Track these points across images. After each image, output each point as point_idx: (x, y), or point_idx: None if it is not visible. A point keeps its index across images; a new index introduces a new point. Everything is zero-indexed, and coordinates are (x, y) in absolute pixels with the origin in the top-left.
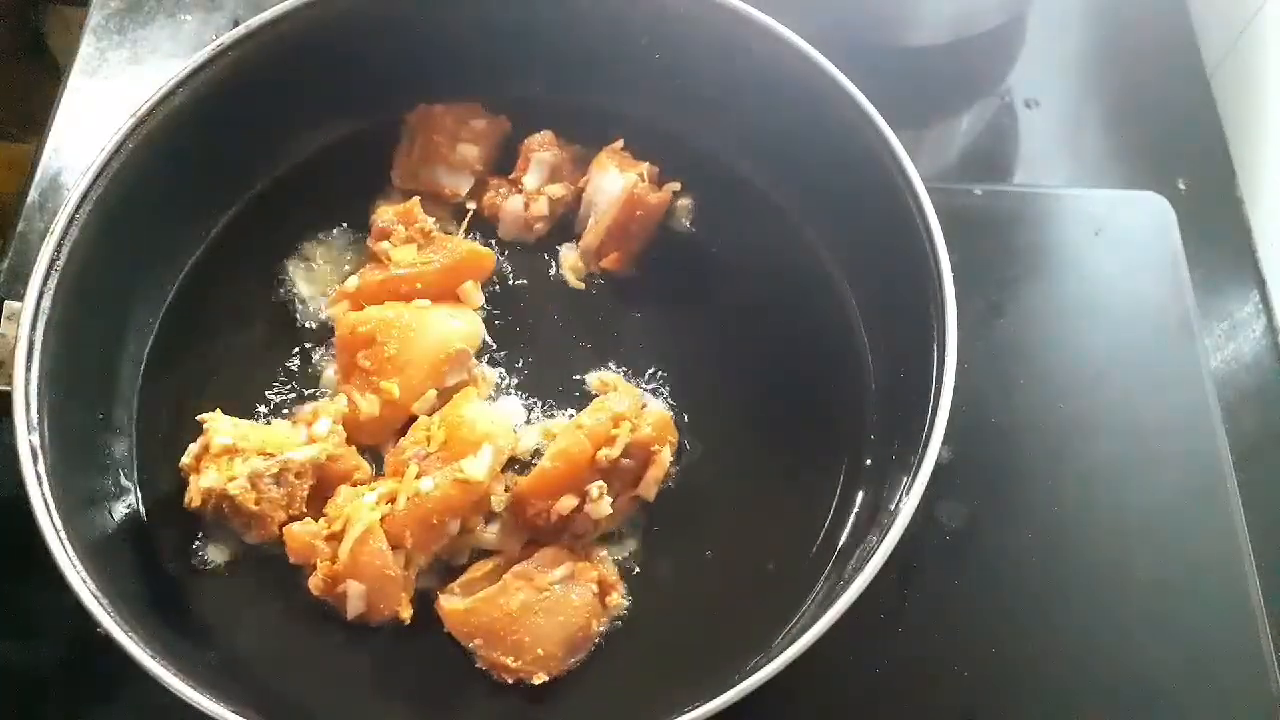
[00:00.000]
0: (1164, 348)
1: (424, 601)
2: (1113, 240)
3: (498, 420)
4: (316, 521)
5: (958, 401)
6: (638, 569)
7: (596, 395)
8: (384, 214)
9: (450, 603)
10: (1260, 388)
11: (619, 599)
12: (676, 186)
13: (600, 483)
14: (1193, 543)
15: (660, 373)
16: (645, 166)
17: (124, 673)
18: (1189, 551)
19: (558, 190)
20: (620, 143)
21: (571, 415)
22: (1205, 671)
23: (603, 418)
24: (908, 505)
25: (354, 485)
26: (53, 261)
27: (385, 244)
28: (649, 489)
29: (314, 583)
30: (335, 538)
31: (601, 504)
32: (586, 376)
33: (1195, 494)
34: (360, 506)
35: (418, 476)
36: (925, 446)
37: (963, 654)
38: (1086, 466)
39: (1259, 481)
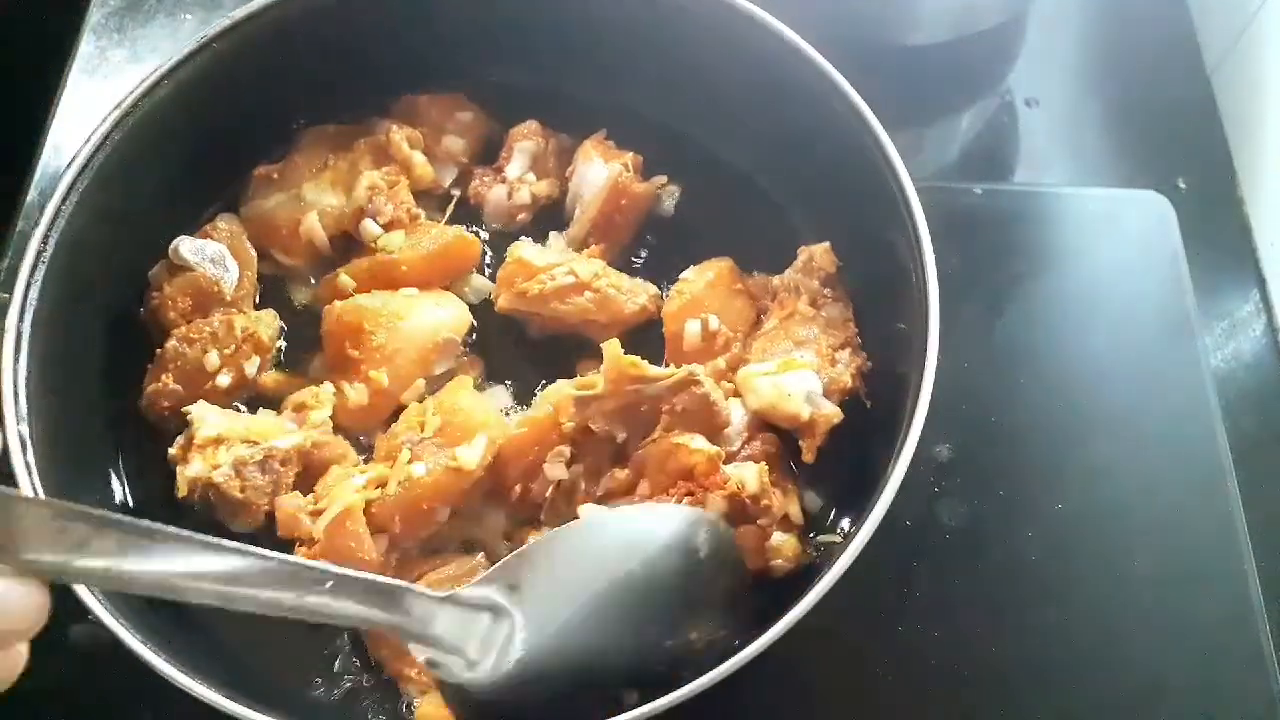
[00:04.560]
0: (1164, 347)
1: None
2: (1113, 239)
3: (493, 410)
4: None
5: (958, 400)
6: None
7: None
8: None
9: None
10: (1260, 387)
11: None
12: (663, 180)
13: (564, 448)
14: (1193, 542)
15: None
16: (630, 156)
17: (118, 663)
18: (1189, 551)
19: (543, 187)
20: (604, 133)
21: None
22: (1205, 671)
23: (566, 388)
24: (889, 488)
25: None
26: (39, 254)
27: (371, 226)
28: None
29: None
30: (321, 514)
31: (557, 467)
32: (577, 365)
33: (1195, 494)
34: (345, 488)
35: (410, 461)
36: (906, 433)
37: (963, 654)
38: (1086, 466)
39: (1259, 481)
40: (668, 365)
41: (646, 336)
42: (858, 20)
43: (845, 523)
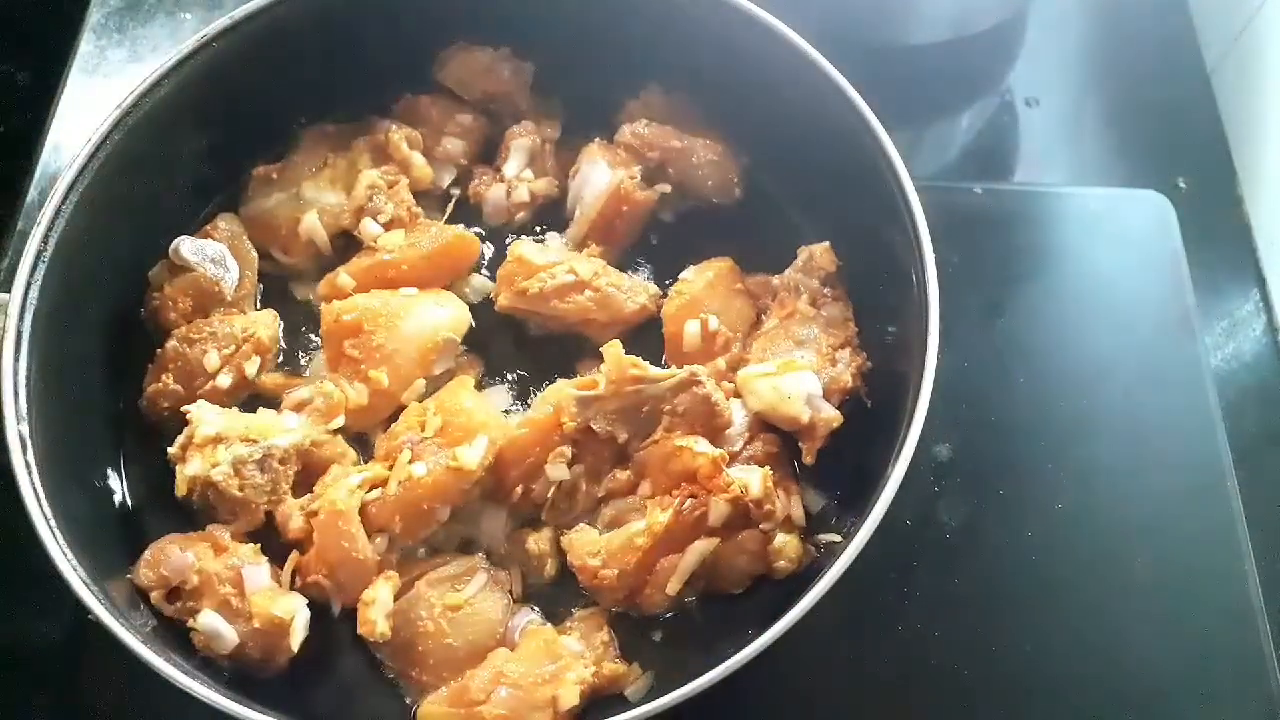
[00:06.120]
0: (1164, 347)
1: None
2: (1113, 239)
3: (493, 411)
4: None
5: (958, 400)
6: None
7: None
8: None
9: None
10: (1260, 387)
11: None
12: (666, 188)
13: (565, 448)
14: (1193, 543)
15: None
16: (635, 166)
17: (114, 657)
18: (1189, 551)
19: (541, 185)
20: (620, 132)
21: None
22: (1205, 671)
23: (567, 388)
24: (889, 488)
25: None
26: (39, 253)
27: (371, 225)
28: None
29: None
30: (316, 514)
31: (559, 467)
32: (577, 365)
33: (1195, 494)
34: (338, 488)
35: (410, 461)
36: (906, 433)
37: (963, 654)
38: (1086, 466)
39: (1259, 481)
40: (667, 365)
41: (646, 336)
42: (858, 20)
43: (846, 522)
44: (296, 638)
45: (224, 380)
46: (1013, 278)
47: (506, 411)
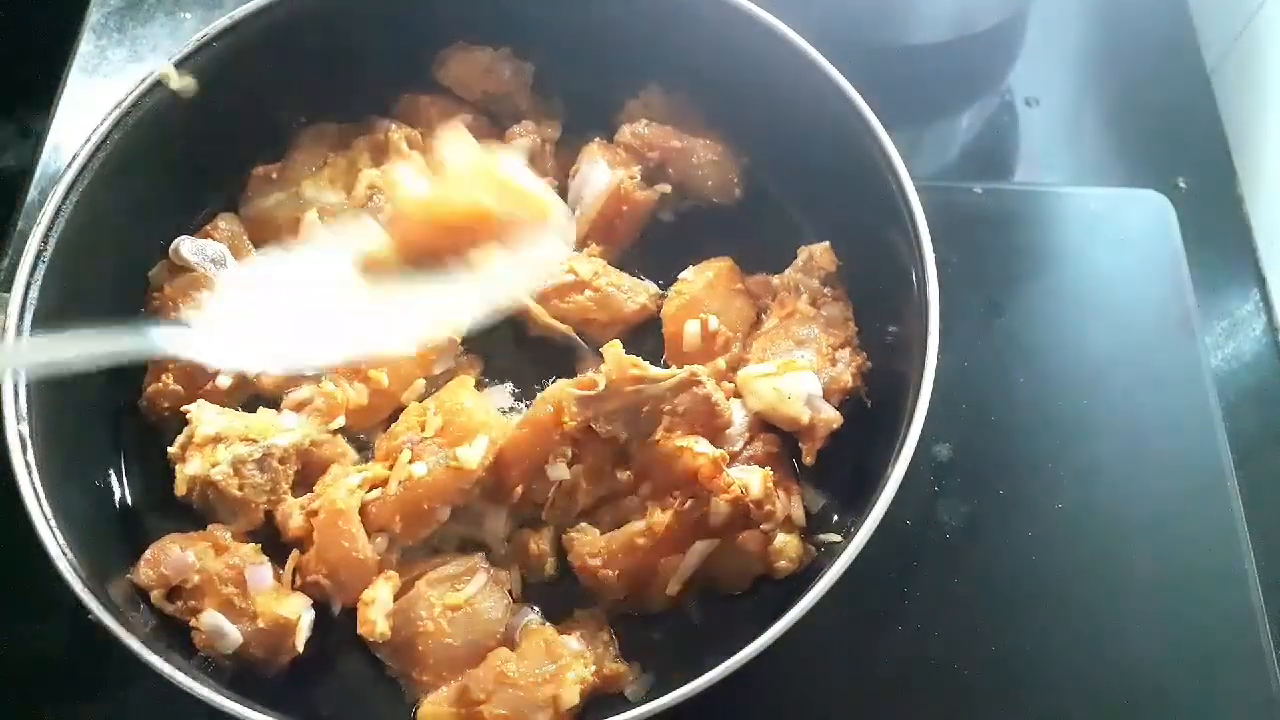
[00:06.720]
0: (1164, 346)
1: None
2: (1113, 239)
3: (494, 411)
4: None
5: (958, 400)
6: None
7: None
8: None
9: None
10: (1260, 387)
11: None
12: (666, 188)
13: (565, 448)
14: (1193, 543)
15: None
16: (635, 166)
17: (115, 658)
18: (1189, 551)
19: None
20: (620, 132)
21: None
22: (1205, 671)
23: (567, 388)
24: (889, 488)
25: None
26: (39, 253)
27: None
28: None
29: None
30: (316, 514)
31: (559, 467)
32: (577, 365)
33: (1195, 494)
34: (338, 487)
35: (411, 460)
36: (906, 433)
37: (963, 654)
38: (1087, 465)
39: (1259, 481)
40: (667, 365)
41: (646, 336)
42: (858, 20)
43: (847, 522)
44: (301, 637)
45: (224, 380)
46: (1013, 278)
47: (506, 411)
